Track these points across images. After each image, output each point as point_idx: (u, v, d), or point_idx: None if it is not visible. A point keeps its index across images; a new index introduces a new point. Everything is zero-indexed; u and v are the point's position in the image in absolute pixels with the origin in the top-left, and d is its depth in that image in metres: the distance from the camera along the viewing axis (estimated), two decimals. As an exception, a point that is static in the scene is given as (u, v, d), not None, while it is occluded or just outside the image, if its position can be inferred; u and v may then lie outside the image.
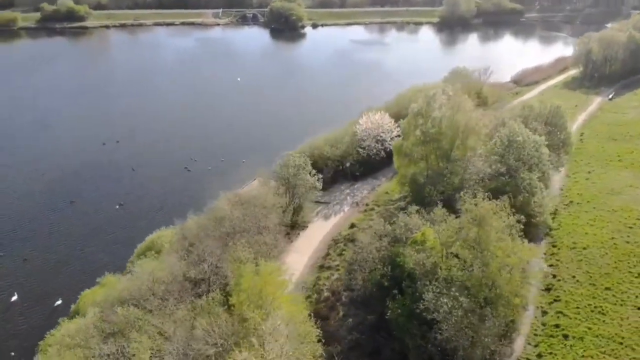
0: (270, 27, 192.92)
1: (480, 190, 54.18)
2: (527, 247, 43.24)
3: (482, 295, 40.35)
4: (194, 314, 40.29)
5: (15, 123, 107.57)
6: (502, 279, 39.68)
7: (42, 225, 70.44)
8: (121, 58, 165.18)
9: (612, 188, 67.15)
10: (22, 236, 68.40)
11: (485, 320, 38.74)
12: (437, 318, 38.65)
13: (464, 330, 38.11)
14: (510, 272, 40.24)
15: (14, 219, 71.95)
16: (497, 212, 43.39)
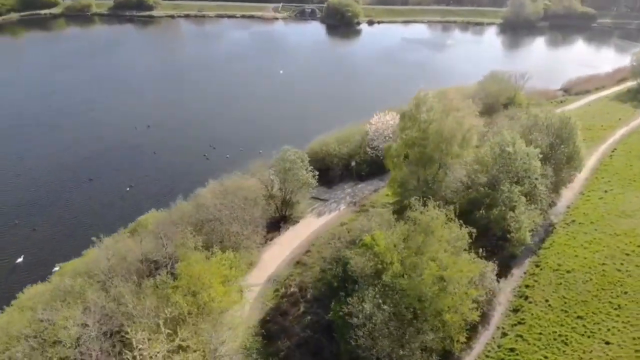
0: (327, 22, 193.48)
1: (455, 199, 52.44)
2: (468, 262, 41.01)
3: (414, 306, 39.06)
4: (135, 292, 42.15)
5: (67, 102, 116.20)
6: (431, 291, 38.06)
7: (58, 199, 76.14)
8: (178, 48, 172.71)
9: (623, 210, 61.74)
10: (38, 207, 74.32)
11: (406, 332, 37.43)
12: (355, 323, 37.90)
13: (381, 339, 37.05)
14: (444, 286, 38.48)
15: (35, 191, 78.28)
16: (445, 222, 41.66)
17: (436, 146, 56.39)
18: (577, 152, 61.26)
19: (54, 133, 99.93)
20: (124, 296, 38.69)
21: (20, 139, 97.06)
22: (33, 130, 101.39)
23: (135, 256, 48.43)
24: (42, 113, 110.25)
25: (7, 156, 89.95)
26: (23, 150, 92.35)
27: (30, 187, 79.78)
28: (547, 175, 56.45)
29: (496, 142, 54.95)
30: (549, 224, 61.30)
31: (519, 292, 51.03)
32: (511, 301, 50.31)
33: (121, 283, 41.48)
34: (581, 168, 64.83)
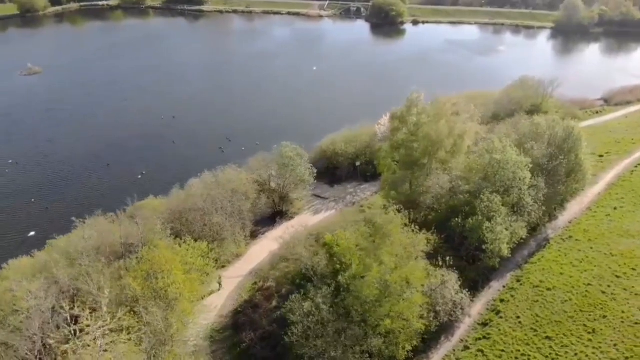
0: (371, 21, 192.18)
1: (437, 205, 51.33)
2: (416, 268, 39.96)
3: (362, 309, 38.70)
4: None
5: (105, 91, 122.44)
6: (372, 294, 37.50)
7: (76, 182, 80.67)
8: (222, 42, 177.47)
9: (627, 229, 57.88)
10: (57, 188, 79.12)
11: (342, 334, 37.12)
12: (292, 319, 38.05)
13: (313, 339, 36.99)
14: (387, 291, 37.79)
15: (57, 173, 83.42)
16: (402, 226, 40.92)
17: (424, 150, 55.33)
18: (580, 166, 57.89)
19: (86, 119, 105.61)
20: (87, 274, 40.69)
21: (55, 123, 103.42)
22: (68, 115, 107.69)
23: (115, 239, 50.60)
24: (80, 99, 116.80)
25: (39, 138, 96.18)
26: (55, 133, 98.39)
27: (53, 169, 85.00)
28: (538, 187, 53.71)
29: (485, 149, 52.99)
30: (544, 238, 58.54)
31: (492, 306, 49.11)
32: (482, 314, 48.52)
33: (88, 261, 43.56)
34: (584, 183, 61.21)
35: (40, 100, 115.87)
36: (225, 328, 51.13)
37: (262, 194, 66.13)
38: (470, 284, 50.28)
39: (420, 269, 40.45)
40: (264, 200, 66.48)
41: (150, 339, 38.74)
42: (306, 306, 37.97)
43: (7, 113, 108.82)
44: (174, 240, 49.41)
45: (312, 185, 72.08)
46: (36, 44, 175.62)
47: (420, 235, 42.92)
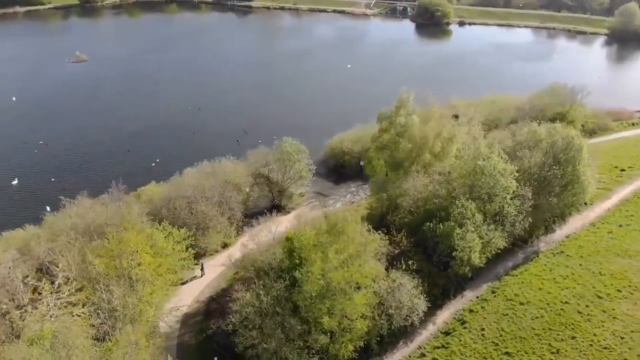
0: (416, 21, 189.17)
1: (414, 208, 50.59)
2: (361, 268, 39.44)
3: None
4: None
5: (144, 81, 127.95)
6: (314, 290, 37.54)
7: (95, 165, 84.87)
8: (265, 38, 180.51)
9: (626, 249, 54.32)
10: (77, 171, 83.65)
11: (279, 327, 37.45)
12: (231, 309, 38.81)
13: (249, 329, 37.58)
14: (328, 288, 37.68)
15: (81, 156, 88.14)
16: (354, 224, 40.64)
17: (408, 152, 54.45)
18: (578, 178, 54.81)
19: (119, 108, 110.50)
20: (53, 250, 43.32)
21: (89, 110, 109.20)
22: (103, 103, 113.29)
23: (101, 219, 53.15)
24: (117, 89, 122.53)
25: (72, 123, 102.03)
26: (87, 119, 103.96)
27: (78, 153, 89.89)
28: (524, 197, 51.44)
29: (470, 154, 51.36)
30: (533, 251, 56.05)
31: (459, 315, 47.76)
32: (447, 323, 47.32)
33: (67, 239, 46.27)
34: (584, 196, 57.90)
35: (80, 88, 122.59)
36: (198, 313, 52.72)
37: (255, 187, 67.13)
38: (440, 290, 49.24)
39: (369, 269, 39.91)
40: (257, 192, 67.39)
41: (103, 315, 40.71)
42: (247, 296, 38.55)
43: (50, 97, 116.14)
44: (151, 225, 51.31)
45: (316, 182, 72.64)
46: (89, 33, 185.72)
47: (374, 235, 42.35)
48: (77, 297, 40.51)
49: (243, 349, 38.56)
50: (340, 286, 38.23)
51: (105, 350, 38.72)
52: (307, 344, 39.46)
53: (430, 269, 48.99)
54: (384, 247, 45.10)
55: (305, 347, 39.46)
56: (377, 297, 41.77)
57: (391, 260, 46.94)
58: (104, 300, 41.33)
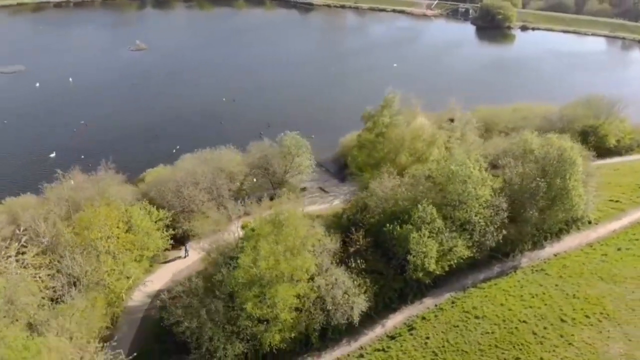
0: (477, 24, 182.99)
1: (379, 209, 50.32)
2: (296, 261, 39.80)
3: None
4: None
5: (190, 73, 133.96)
6: (242, 277, 38.62)
7: (123, 147, 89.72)
8: (319, 35, 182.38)
9: (614, 274, 50.38)
10: (106, 151, 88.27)
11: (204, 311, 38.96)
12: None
13: (177, 309, 39.38)
14: (256, 277, 38.54)
15: (113, 138, 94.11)
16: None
17: (386, 153, 53.85)
18: (567, 193, 51.43)
19: (161, 96, 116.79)
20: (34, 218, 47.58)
21: (134, 96, 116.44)
22: (149, 91, 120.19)
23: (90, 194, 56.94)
24: (166, 78, 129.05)
25: (115, 107, 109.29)
26: (130, 105, 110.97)
27: (113, 135, 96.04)
28: (498, 208, 49.15)
29: (444, 159, 49.90)
30: (512, 265, 53.39)
31: (411, 321, 46.72)
32: (396, 327, 46.46)
33: (46, 207, 50.54)
34: (576, 213, 54.10)
35: (131, 75, 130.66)
36: (170, 291, 55.32)
37: (250, 177, 68.81)
38: (396, 294, 48.45)
39: (302, 262, 40.16)
40: (251, 183, 69.01)
41: (62, 279, 44.16)
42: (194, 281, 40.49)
43: (103, 81, 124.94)
44: (133, 203, 54.55)
45: (324, 179, 73.31)
46: (157, 24, 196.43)
47: (314, 230, 42.53)
48: (40, 260, 44.16)
49: (169, 325, 40.36)
50: (271, 276, 38.89)
51: (57, 311, 41.96)
52: (239, 329, 40.53)
53: (388, 271, 48.27)
54: (334, 244, 45.08)
55: (236, 332, 40.56)
56: (314, 292, 41.95)
57: (344, 258, 46.82)
58: (67, 266, 44.70)
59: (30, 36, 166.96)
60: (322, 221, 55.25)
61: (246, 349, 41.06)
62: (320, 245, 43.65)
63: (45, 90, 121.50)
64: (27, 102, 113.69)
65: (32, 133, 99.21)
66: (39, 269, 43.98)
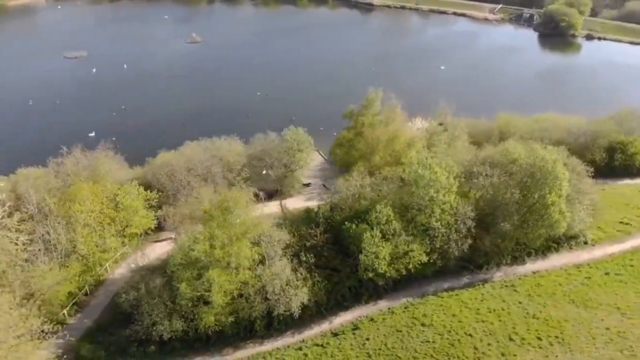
0: (539, 30, 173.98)
1: (344, 206, 50.66)
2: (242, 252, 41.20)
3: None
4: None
5: (235, 69, 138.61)
6: (176, 258, 40.48)
7: (150, 132, 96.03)
8: (375, 36, 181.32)
9: (588, 299, 47.35)
10: (136, 134, 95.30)
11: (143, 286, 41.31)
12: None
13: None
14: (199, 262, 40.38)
15: (145, 124, 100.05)
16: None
17: (363, 152, 53.71)
18: (546, 207, 48.63)
19: (200, 88, 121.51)
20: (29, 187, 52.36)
21: (177, 86, 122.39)
22: (192, 82, 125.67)
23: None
24: (212, 71, 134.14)
25: (155, 95, 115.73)
26: (171, 94, 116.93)
27: (146, 120, 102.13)
28: (466, 216, 47.51)
29: (414, 162, 48.94)
30: (483, 278, 51.42)
31: (358, 321, 46.51)
32: (343, 325, 46.40)
33: (43, 179, 55.28)
34: (558, 230, 50.69)
35: (181, 66, 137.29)
36: (151, 268, 58.40)
37: (247, 168, 70.55)
38: (350, 293, 48.35)
39: (238, 250, 41.29)
40: (247, 173, 70.67)
41: (38, 244, 48.32)
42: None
43: (153, 70, 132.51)
44: (119, 183, 58.21)
45: (333, 175, 73.87)
46: (221, 18, 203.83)
47: (258, 220, 43.45)
48: (23, 226, 48.56)
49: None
50: (207, 259, 40.44)
51: (27, 272, 46.08)
52: (180, 307, 42.51)
53: (344, 268, 48.28)
54: (288, 236, 45.92)
55: (177, 310, 42.57)
56: (257, 280, 43.00)
57: (297, 251, 47.44)
58: (46, 233, 48.86)
59: (99, 25, 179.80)
60: (292, 216, 56.39)
61: (187, 328, 42.98)
62: (267, 236, 44.48)
63: (100, 75, 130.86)
64: (81, 85, 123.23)
65: (78, 113, 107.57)
66: (20, 233, 48.26)
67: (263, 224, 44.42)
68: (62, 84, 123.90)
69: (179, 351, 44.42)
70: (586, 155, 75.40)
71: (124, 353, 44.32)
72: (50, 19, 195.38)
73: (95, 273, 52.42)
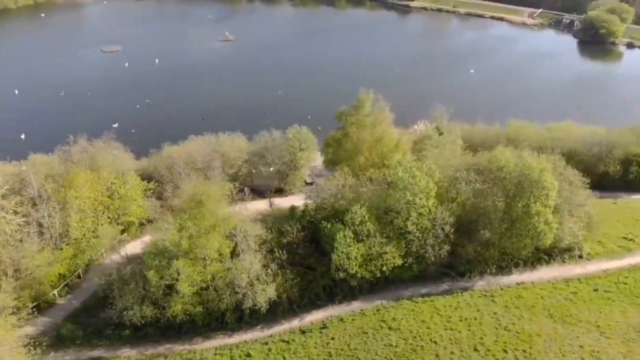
0: (579, 37, 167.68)
1: (325, 206, 51.15)
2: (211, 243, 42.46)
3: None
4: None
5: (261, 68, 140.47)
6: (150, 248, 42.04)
7: (169, 125, 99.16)
8: (408, 38, 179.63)
9: (567, 315, 45.58)
10: (155, 127, 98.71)
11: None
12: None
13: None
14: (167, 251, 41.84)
15: (164, 117, 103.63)
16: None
17: (350, 152, 53.83)
18: (530, 217, 47.25)
19: (227, 84, 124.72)
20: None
21: (203, 81, 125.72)
22: (217, 78, 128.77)
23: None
24: (239, 70, 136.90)
25: (182, 91, 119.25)
26: (195, 90, 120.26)
27: (166, 114, 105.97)
28: (444, 222, 46.81)
29: (399, 164, 48.63)
30: (464, 286, 50.42)
31: (329, 320, 46.61)
32: (313, 323, 46.57)
33: (47, 166, 58.26)
34: (544, 242, 48.94)
35: (210, 63, 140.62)
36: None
37: (247, 164, 71.69)
38: (325, 292, 48.60)
39: (206, 242, 42.31)
40: (247, 169, 71.87)
41: (33, 226, 51.04)
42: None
43: (183, 66, 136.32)
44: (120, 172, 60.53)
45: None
46: (257, 17, 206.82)
47: (229, 214, 44.28)
48: (20, 208, 51.43)
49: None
50: (174, 249, 41.70)
51: (21, 251, 48.78)
52: (152, 294, 44.02)
53: (320, 267, 48.53)
54: (262, 231, 46.69)
55: (149, 297, 44.10)
56: (223, 273, 43.94)
57: (272, 247, 48.08)
58: (41, 217, 51.58)
59: (140, 21, 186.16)
60: (279, 213, 57.10)
61: (159, 315, 44.42)
62: (241, 230, 45.28)
63: (132, 69, 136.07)
64: (113, 78, 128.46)
65: (106, 105, 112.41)
66: (16, 215, 51.12)
67: (233, 218, 45.26)
68: (95, 77, 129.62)
69: (152, 337, 46.01)
70: (599, 166, 72.85)
71: (100, 335, 46.35)
72: (95, 15, 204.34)
73: (87, 257, 54.70)
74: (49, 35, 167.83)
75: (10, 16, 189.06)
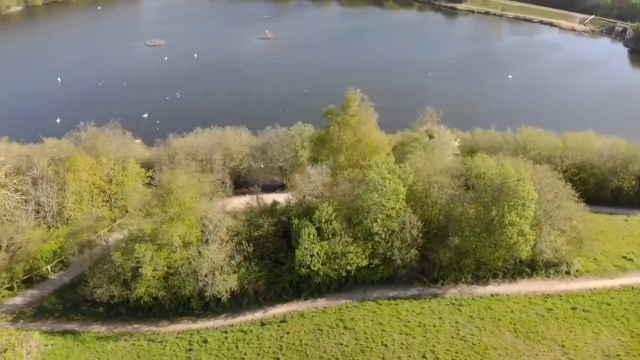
0: (630, 46, 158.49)
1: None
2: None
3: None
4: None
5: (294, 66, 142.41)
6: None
7: (193, 118, 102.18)
8: (451, 40, 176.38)
9: (534, 332, 43.81)
10: (180, 119, 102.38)
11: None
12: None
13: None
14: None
15: (190, 109, 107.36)
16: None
17: (330, 151, 54.19)
18: (503, 226, 45.80)
19: (255, 81, 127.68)
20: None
21: (233, 78, 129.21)
22: (247, 75, 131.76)
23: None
24: (272, 68, 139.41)
25: (211, 86, 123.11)
26: (224, 86, 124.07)
27: (193, 107, 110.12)
28: (412, 226, 46.24)
29: (369, 166, 48.47)
30: (433, 293, 49.41)
31: (291, 314, 47.15)
32: (276, 316, 47.20)
33: (54, 150, 62.21)
34: (518, 253, 47.29)
35: (246, 60, 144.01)
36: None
37: (248, 159, 73.11)
38: (292, 287, 49.25)
39: (168, 228, 43.96)
40: (247, 164, 73.25)
41: (31, 205, 54.82)
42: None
43: (218, 62, 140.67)
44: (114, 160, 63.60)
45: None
46: (302, 15, 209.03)
47: (194, 204, 45.62)
48: (22, 187, 55.41)
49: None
50: (140, 234, 43.70)
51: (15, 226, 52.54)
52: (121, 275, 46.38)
53: (288, 262, 49.19)
54: (232, 223, 47.92)
55: (119, 278, 46.48)
56: (186, 260, 45.51)
57: (240, 240, 49.17)
58: (37, 196, 55.33)
59: (187, 17, 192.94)
60: (263, 208, 58.07)
61: (127, 296, 46.69)
62: (208, 220, 46.68)
63: (171, 62, 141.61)
64: (151, 71, 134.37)
65: (139, 96, 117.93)
66: (16, 192, 55.05)
67: (198, 208, 46.69)
68: (135, 69, 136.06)
69: (123, 316, 48.52)
70: (613, 181, 69.13)
71: (76, 310, 49.36)
72: (150, 9, 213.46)
73: (82, 237, 57.98)
74: (100, 28, 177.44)
75: (68, 8, 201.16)
